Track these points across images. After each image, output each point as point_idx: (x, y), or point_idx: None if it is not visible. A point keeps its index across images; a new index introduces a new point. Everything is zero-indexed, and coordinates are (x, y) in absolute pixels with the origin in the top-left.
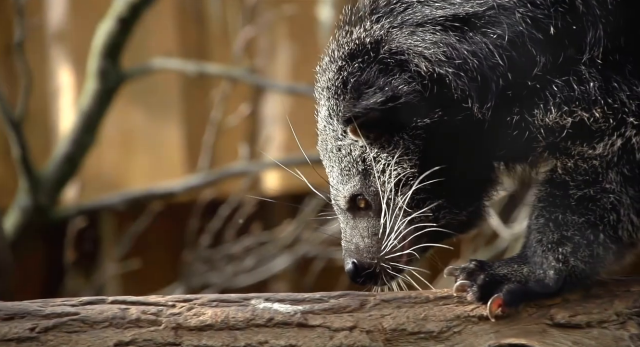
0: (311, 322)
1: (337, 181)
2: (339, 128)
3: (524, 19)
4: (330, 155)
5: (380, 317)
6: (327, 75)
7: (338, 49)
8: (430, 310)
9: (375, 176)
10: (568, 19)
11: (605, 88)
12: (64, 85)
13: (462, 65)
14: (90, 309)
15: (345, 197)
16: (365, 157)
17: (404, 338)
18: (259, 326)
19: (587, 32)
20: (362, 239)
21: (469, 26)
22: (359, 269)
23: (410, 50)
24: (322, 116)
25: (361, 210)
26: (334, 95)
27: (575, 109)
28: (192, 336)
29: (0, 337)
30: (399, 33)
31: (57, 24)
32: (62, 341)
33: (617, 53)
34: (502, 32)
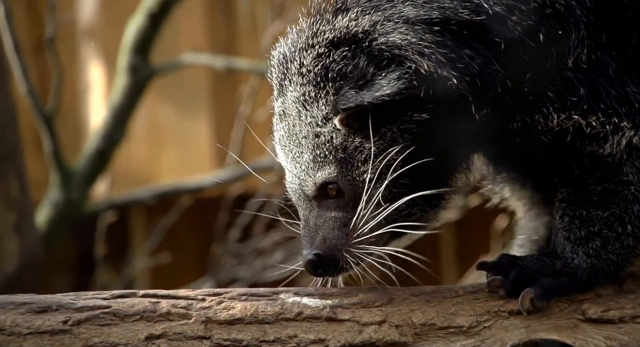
0: (340, 317)
1: (306, 167)
2: (318, 115)
3: (516, 26)
4: (302, 141)
5: (410, 311)
6: (299, 61)
7: (316, 35)
8: (460, 305)
9: (356, 165)
10: (552, 23)
11: (593, 94)
12: (94, 81)
13: (463, 70)
14: (121, 302)
15: (315, 183)
16: (347, 146)
17: (434, 333)
18: (288, 320)
19: (570, 35)
20: (330, 230)
21: (468, 31)
22: (323, 260)
23: (409, 47)
24: (290, 101)
25: (330, 199)
26: (312, 82)
27: (572, 115)
28: (222, 330)
29: (34, 329)
30: (394, 28)
31: (88, 20)
32: (94, 334)
33: (599, 51)
34: (499, 39)
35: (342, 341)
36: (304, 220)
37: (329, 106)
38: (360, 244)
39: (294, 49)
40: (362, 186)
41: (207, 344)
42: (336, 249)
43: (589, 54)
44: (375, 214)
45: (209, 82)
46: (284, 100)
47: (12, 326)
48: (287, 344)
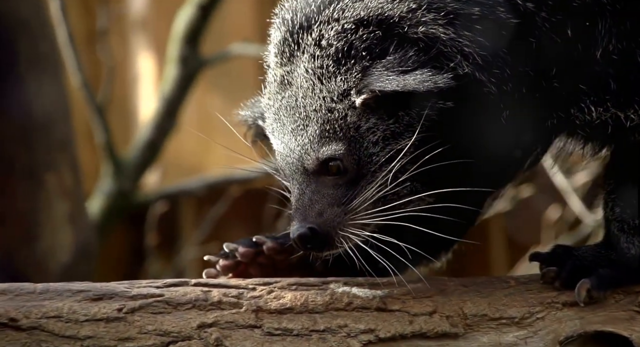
0: (390, 307)
1: (310, 141)
2: (335, 90)
3: (544, 23)
4: (312, 114)
5: (461, 302)
6: (319, 33)
7: (343, 10)
8: (512, 296)
9: (365, 146)
10: (578, 16)
11: (626, 86)
12: (145, 72)
13: (498, 75)
14: (174, 291)
15: (318, 158)
16: (360, 125)
17: (485, 324)
18: (338, 309)
19: (596, 26)
20: (327, 206)
21: (504, 30)
22: (317, 235)
23: (449, 43)
24: (302, 72)
25: (329, 175)
26: (333, 56)
27: (610, 108)
28: (273, 319)
29: (90, 316)
30: (433, 19)
31: (139, 11)
32: (148, 322)
33: (625, 40)
34: (532, 39)
35: (392, 331)
36: (298, 193)
37: (349, 83)
38: (354, 225)
39: (314, 20)
40: (368, 167)
41: (258, 333)
42: (331, 226)
43: (616, 44)
44: (377, 197)
45: (257, 71)
46: (291, 69)
47: (69, 313)
48: (337, 333)
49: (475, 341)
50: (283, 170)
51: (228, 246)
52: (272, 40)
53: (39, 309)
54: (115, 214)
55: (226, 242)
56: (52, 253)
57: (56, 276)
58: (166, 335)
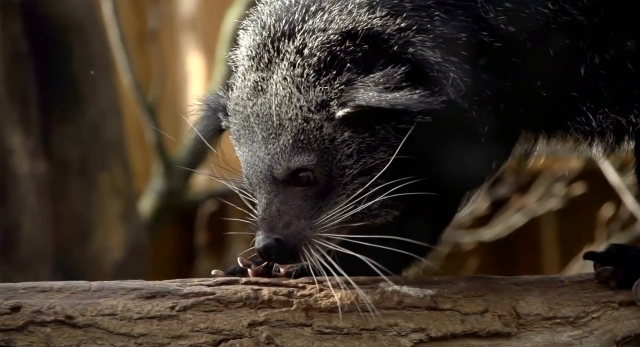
0: (441, 306)
1: (281, 150)
2: (313, 100)
3: (526, 43)
4: (286, 123)
5: (513, 301)
6: (302, 41)
7: (330, 21)
8: (566, 295)
9: (339, 158)
10: (559, 35)
11: (618, 94)
12: (195, 72)
13: (479, 103)
14: (225, 289)
15: (289, 168)
16: (335, 137)
17: (538, 323)
18: (388, 308)
19: (578, 42)
20: (294, 218)
21: (487, 54)
22: (282, 247)
23: (436, 67)
24: (279, 79)
25: (298, 186)
26: (314, 66)
27: (609, 115)
28: (323, 318)
29: (144, 314)
30: (422, 40)
31: (189, 11)
32: (200, 320)
33: (611, 49)
34: (515, 60)
35: (444, 330)
36: (266, 203)
37: (329, 94)
38: (321, 238)
39: (297, 28)
40: (339, 179)
41: (308, 331)
42: (298, 238)
43: (603, 55)
44: (346, 210)
45: None
46: (267, 76)
47: (123, 311)
48: (387, 332)
49: (528, 340)
50: (249, 179)
51: (242, 261)
52: (246, 43)
53: (94, 307)
54: (165, 213)
55: None
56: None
57: (109, 274)
58: (218, 333)
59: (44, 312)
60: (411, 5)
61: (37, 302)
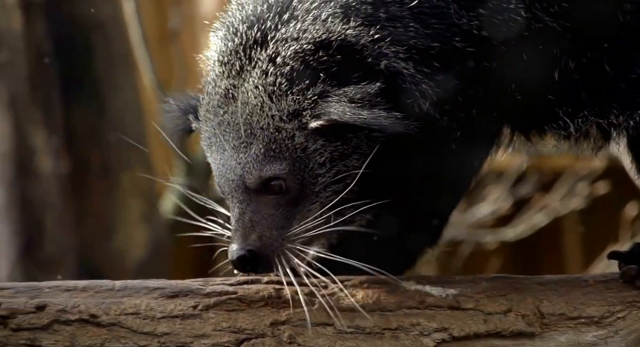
0: (464, 305)
1: (253, 159)
2: (285, 110)
3: (500, 48)
4: (258, 132)
5: (536, 301)
6: (275, 49)
7: (303, 30)
8: (590, 294)
9: (311, 167)
10: (533, 41)
11: (600, 96)
12: None
13: (451, 112)
14: (247, 288)
15: (261, 177)
16: (307, 146)
17: (563, 323)
18: (410, 308)
19: (552, 48)
20: (267, 228)
21: (459, 61)
22: (256, 258)
23: (409, 79)
24: (251, 88)
25: (270, 195)
26: (287, 75)
27: (589, 117)
28: (345, 317)
29: (167, 313)
30: (395, 52)
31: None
32: (222, 319)
33: (588, 52)
34: (487, 64)
35: (467, 330)
36: (238, 213)
37: (301, 104)
38: (295, 247)
39: (270, 36)
40: (312, 187)
41: (330, 330)
42: (270, 249)
43: (576, 60)
44: (319, 219)
45: None
46: (238, 83)
47: (146, 310)
48: (410, 332)
49: (552, 340)
50: (221, 187)
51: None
52: (218, 47)
53: (118, 306)
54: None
55: None
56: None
57: (131, 273)
58: (240, 332)
59: (69, 311)
60: (386, 15)
61: (61, 301)
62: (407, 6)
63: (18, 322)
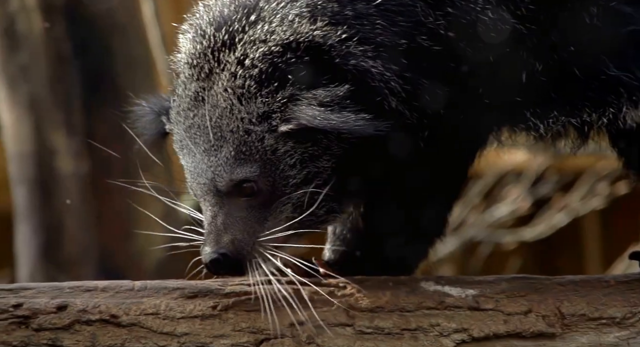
0: (483, 306)
1: (224, 162)
2: (255, 112)
3: (466, 49)
4: (227, 135)
5: (557, 301)
6: (243, 52)
7: (270, 31)
8: (612, 295)
9: (282, 168)
10: (500, 42)
11: (569, 96)
12: None
13: (420, 109)
14: (266, 288)
15: (232, 180)
16: (277, 148)
17: (584, 324)
18: (429, 308)
19: (519, 50)
20: (240, 231)
21: (426, 60)
22: (229, 261)
23: (377, 77)
24: (220, 90)
25: (242, 197)
26: (255, 77)
27: (559, 117)
28: (364, 317)
29: (186, 314)
30: (363, 51)
31: None
32: (242, 319)
33: (555, 53)
34: (454, 64)
35: (486, 331)
36: (211, 216)
37: (270, 106)
38: (268, 248)
39: (238, 38)
40: (283, 189)
41: (349, 331)
42: (243, 252)
43: (544, 62)
44: (291, 220)
45: None
46: (208, 86)
47: (166, 310)
48: (429, 332)
49: (573, 341)
50: (194, 190)
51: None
52: (187, 49)
53: (137, 306)
54: None
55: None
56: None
57: (151, 273)
58: (259, 332)
59: (89, 311)
60: (353, 13)
61: (82, 301)
62: (373, 3)
63: (40, 322)
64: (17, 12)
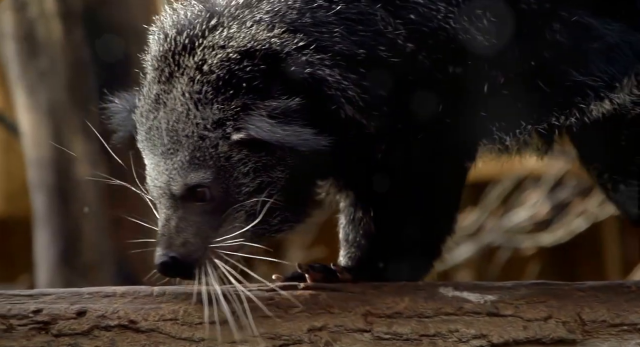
0: (502, 312)
1: (179, 166)
2: (210, 118)
3: (425, 61)
4: (183, 139)
5: (577, 307)
6: (202, 57)
7: (230, 38)
8: (633, 301)
9: (235, 176)
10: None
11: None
12: None
13: (378, 118)
14: (284, 294)
15: (186, 185)
16: (231, 155)
17: (605, 330)
18: (448, 314)
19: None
20: (192, 235)
21: (385, 70)
22: (178, 265)
23: (334, 86)
24: (178, 94)
25: (196, 202)
26: (213, 84)
27: (527, 127)
28: (382, 323)
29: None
30: (320, 59)
31: None
32: (259, 325)
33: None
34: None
35: (506, 337)
36: (164, 219)
37: (225, 113)
38: (219, 255)
39: (198, 43)
40: (237, 197)
41: (367, 337)
42: (194, 256)
43: (507, 73)
44: (244, 227)
45: None
46: (167, 89)
47: (184, 316)
48: (448, 338)
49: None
50: (151, 192)
51: (300, 267)
52: (152, 51)
53: (156, 312)
54: None
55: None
56: None
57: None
58: (277, 338)
59: (108, 317)
60: (311, 21)
61: (101, 307)
62: (333, 11)
63: (59, 327)
64: (36, 19)
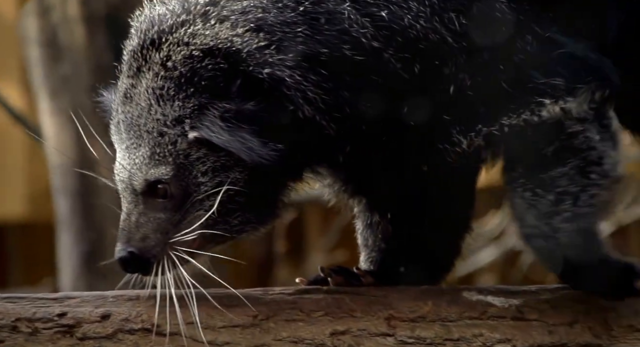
0: (527, 316)
1: (140, 161)
2: (170, 115)
3: (390, 60)
4: (144, 135)
5: (603, 312)
6: (167, 53)
7: (194, 35)
8: None
9: (194, 174)
10: (427, 55)
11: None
12: None
13: (339, 119)
14: (306, 298)
15: (146, 180)
16: (190, 153)
17: (632, 335)
18: (472, 318)
19: (447, 63)
20: (151, 231)
21: (349, 69)
22: (136, 260)
23: (293, 87)
24: (143, 89)
25: (157, 198)
26: (175, 80)
27: (483, 129)
28: (406, 327)
29: (227, 323)
30: (281, 59)
31: None
32: (282, 329)
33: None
34: (376, 77)
35: (530, 342)
36: (126, 213)
37: (185, 111)
38: (179, 252)
39: (165, 38)
40: (195, 195)
41: (390, 341)
42: (152, 252)
43: (474, 76)
44: (204, 226)
45: None
46: (134, 83)
47: (207, 319)
48: (472, 342)
49: None
50: (115, 185)
51: (323, 270)
52: (127, 45)
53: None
54: None
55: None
56: None
57: None
58: (300, 342)
59: (132, 320)
60: (275, 19)
61: (125, 310)
62: (299, 10)
63: (84, 331)
64: (59, 23)
